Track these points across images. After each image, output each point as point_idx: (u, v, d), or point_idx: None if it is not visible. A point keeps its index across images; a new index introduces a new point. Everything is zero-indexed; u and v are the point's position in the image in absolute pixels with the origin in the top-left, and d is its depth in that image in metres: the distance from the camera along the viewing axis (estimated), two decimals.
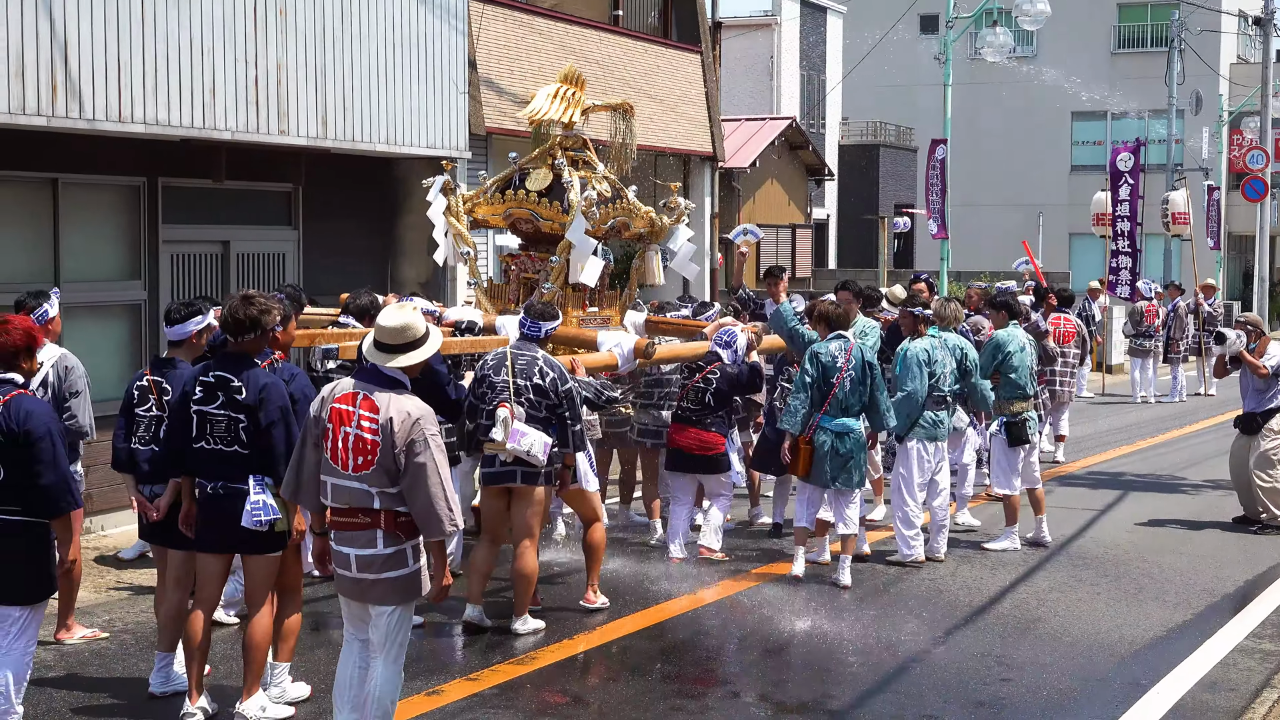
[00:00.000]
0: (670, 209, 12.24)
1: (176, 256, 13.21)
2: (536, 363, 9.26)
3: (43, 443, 6.78)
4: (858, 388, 10.67)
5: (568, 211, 11.14)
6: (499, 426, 9.03)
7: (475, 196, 11.81)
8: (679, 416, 11.45)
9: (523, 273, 11.62)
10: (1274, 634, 9.60)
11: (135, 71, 11.46)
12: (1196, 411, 22.94)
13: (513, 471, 9.18)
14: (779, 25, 36.90)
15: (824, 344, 10.81)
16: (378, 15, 13.95)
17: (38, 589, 6.96)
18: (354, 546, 6.65)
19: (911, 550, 11.29)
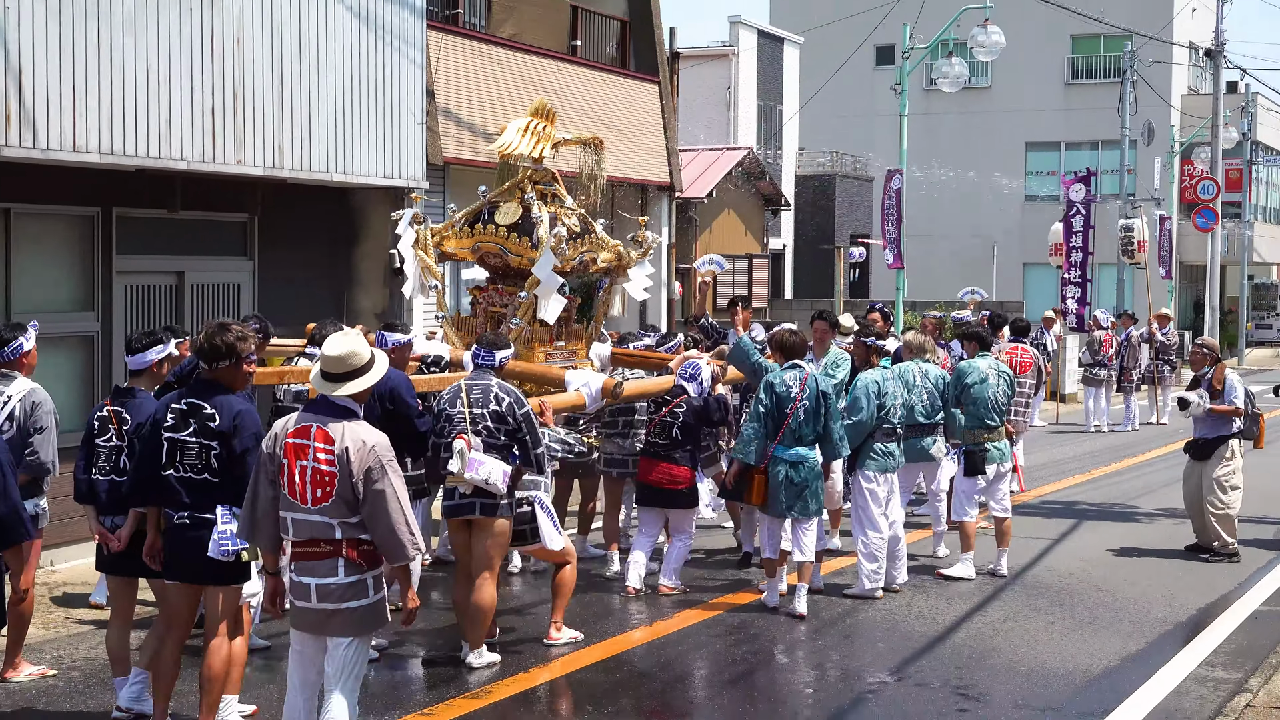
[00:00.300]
0: (638, 243, 12.29)
1: (131, 287, 13.14)
2: (491, 389, 9.30)
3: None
4: (812, 417, 10.69)
5: (536, 247, 11.12)
6: (456, 457, 9.02)
7: (444, 230, 11.76)
8: (647, 451, 11.45)
9: (490, 306, 11.60)
10: (1227, 662, 9.65)
11: (90, 100, 11.41)
12: (1149, 440, 23.06)
13: (472, 503, 9.19)
14: (736, 56, 37.03)
15: (779, 373, 10.84)
16: (335, 45, 13.94)
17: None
18: (314, 576, 6.63)
19: (873, 584, 11.29)
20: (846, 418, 11.23)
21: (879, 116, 46.26)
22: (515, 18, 19.64)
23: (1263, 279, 54.05)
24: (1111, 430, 24.36)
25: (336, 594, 6.62)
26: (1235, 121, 44.58)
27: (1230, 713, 8.44)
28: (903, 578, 11.57)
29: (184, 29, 12.23)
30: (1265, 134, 50.86)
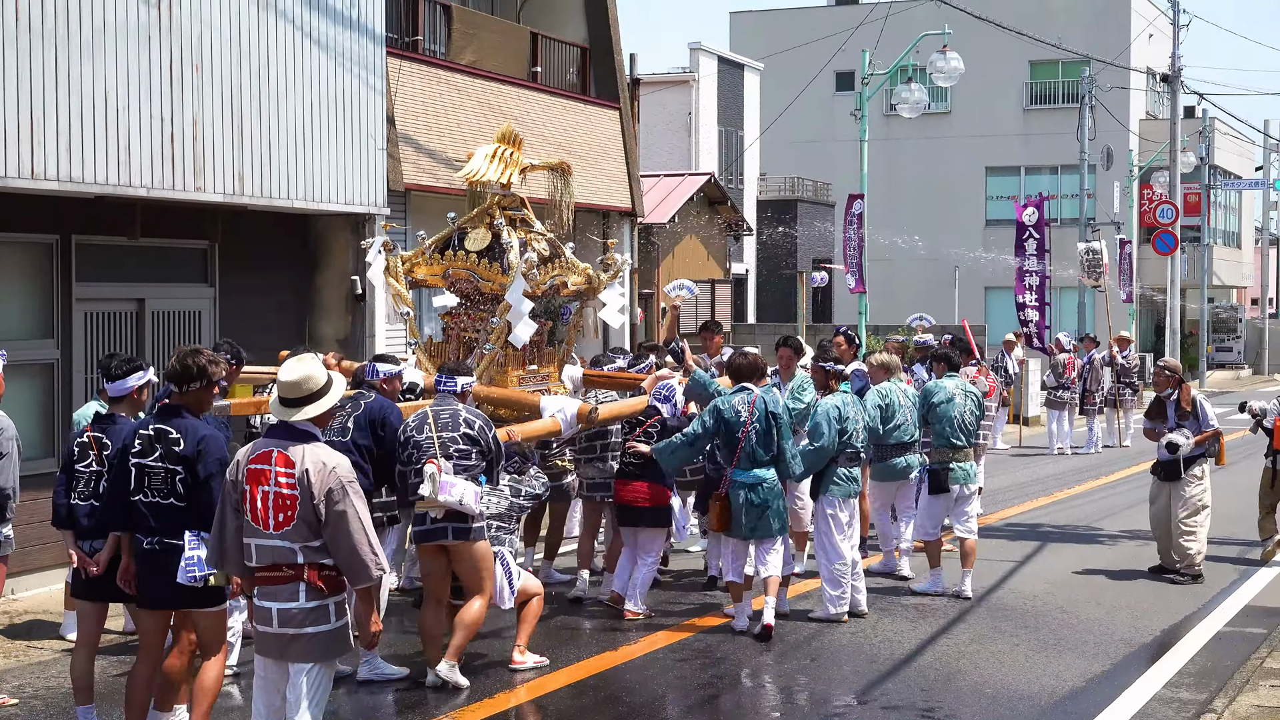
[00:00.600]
0: (608, 265, 12.39)
1: (90, 315, 13.07)
2: (459, 413, 9.40)
3: None
4: (764, 438, 10.73)
5: (507, 272, 11.20)
6: (427, 482, 9.04)
7: (414, 257, 11.82)
8: (622, 472, 11.54)
9: (462, 333, 11.67)
10: (1191, 683, 9.69)
11: (48, 128, 11.36)
12: (1112, 463, 23.18)
13: (444, 528, 9.22)
14: (697, 82, 37.15)
15: (727, 397, 10.88)
16: (295, 71, 13.93)
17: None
18: (276, 600, 6.64)
19: (837, 609, 11.29)
20: (809, 443, 11.26)
21: (839, 142, 46.42)
22: (475, 44, 19.65)
23: (1223, 302, 54.43)
24: (1074, 453, 24.47)
25: (298, 619, 6.61)
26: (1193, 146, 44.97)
27: None
28: (863, 603, 11.54)
29: (143, 56, 12.20)
30: (1223, 158, 51.31)
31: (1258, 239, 58.67)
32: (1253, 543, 14.76)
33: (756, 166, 40.92)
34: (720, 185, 33.47)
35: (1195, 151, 44.98)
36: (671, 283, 16.05)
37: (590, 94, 22.14)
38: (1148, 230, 42.07)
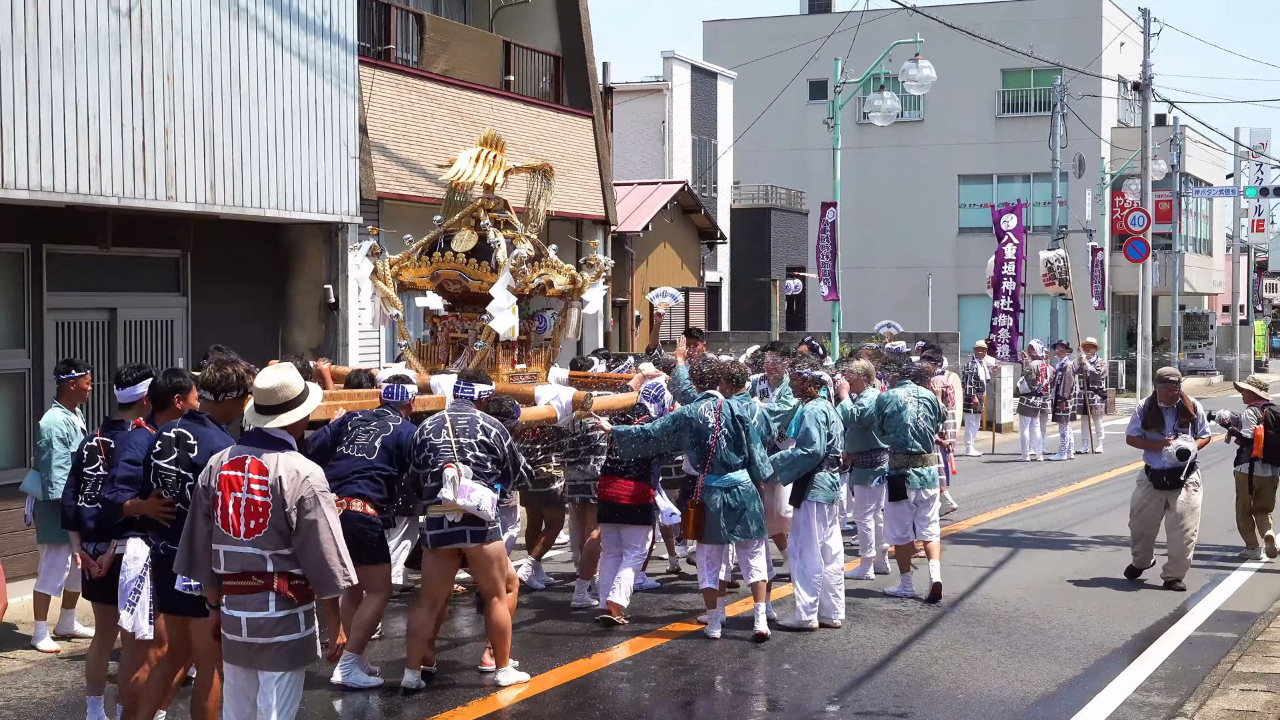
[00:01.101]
0: (590, 265, 12.60)
1: (62, 324, 13.04)
2: (477, 422, 9.51)
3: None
4: (733, 443, 10.83)
5: (496, 270, 11.40)
6: (447, 486, 9.16)
7: (402, 260, 11.98)
8: (608, 469, 11.64)
9: (450, 333, 11.87)
10: (1162, 687, 9.73)
11: (18, 136, 11.35)
12: (1084, 469, 23.27)
13: (462, 531, 9.33)
14: (670, 90, 37.19)
15: (694, 406, 10.97)
16: (267, 80, 13.93)
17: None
18: (245, 610, 6.64)
19: (809, 616, 11.31)
20: (799, 449, 11.30)
21: (812, 150, 46.54)
22: (448, 53, 19.67)
23: (1194, 308, 54.69)
24: (1047, 459, 24.56)
25: (267, 628, 6.62)
26: (1164, 154, 45.18)
27: None
28: (841, 613, 11.52)
29: (114, 65, 12.19)
30: (1194, 166, 51.57)
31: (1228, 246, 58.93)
32: (1222, 547, 14.86)
33: (730, 174, 40.98)
34: (694, 193, 33.54)
35: (1166, 159, 45.19)
36: (654, 290, 16.24)
37: (563, 102, 22.18)
38: (1120, 237, 42.26)
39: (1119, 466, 23.37)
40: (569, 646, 10.70)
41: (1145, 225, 39.60)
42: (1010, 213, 28.23)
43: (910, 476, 12.69)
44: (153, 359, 13.82)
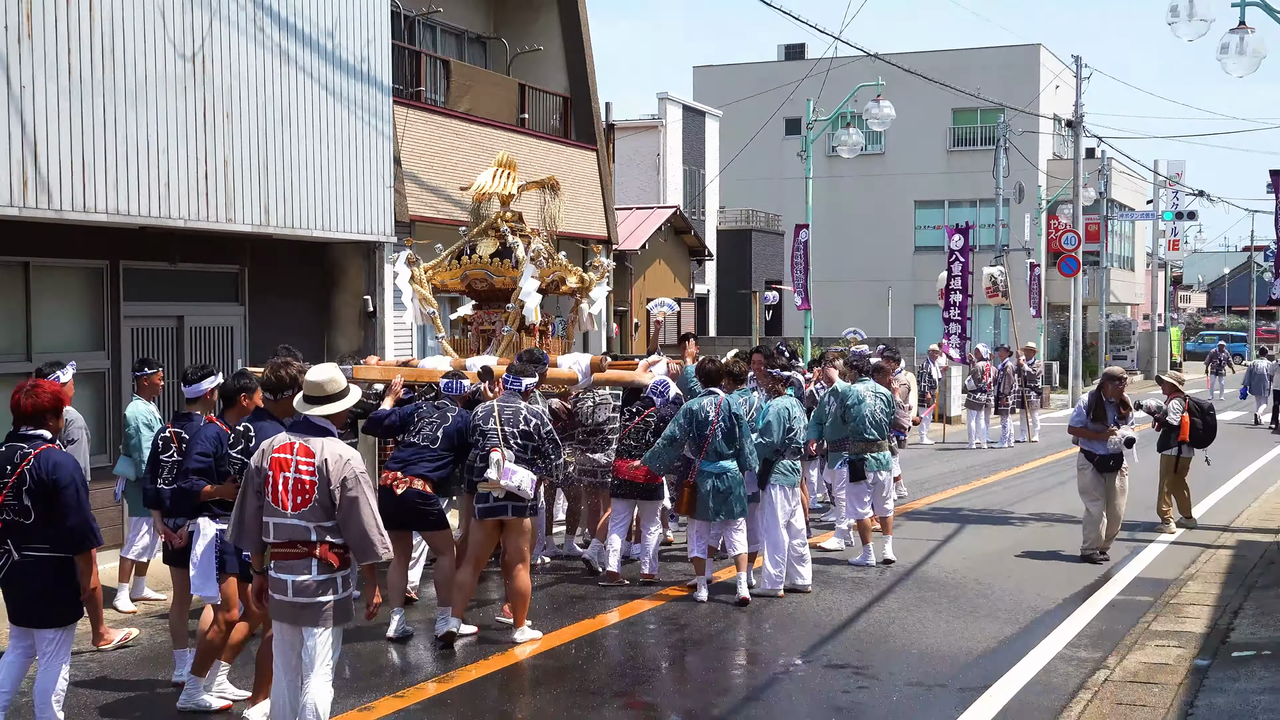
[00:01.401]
0: (595, 267, 12.90)
1: (136, 330, 13.07)
2: (520, 412, 9.62)
3: (67, 490, 6.91)
4: (728, 436, 10.89)
5: (517, 266, 11.79)
6: (493, 467, 9.31)
7: (435, 266, 12.30)
8: (621, 452, 11.88)
9: (480, 326, 12.17)
10: (1088, 644, 9.76)
11: (98, 167, 11.37)
12: (1023, 455, 23.30)
13: (505, 506, 9.48)
14: (664, 127, 37.19)
15: (697, 400, 11.02)
16: (313, 117, 13.95)
17: (66, 613, 7.07)
18: (291, 574, 6.69)
19: (774, 585, 11.34)
20: (760, 438, 11.34)
21: (788, 179, 46.55)
22: (471, 94, 19.68)
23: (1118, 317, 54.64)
24: (990, 447, 24.59)
25: (310, 589, 6.67)
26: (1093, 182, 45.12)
27: (1091, 686, 8.54)
28: (807, 578, 11.54)
29: (180, 103, 12.20)
30: (1119, 193, 51.55)
31: (1148, 263, 58.91)
32: (1140, 524, 14.87)
33: (716, 200, 40.98)
34: (685, 216, 33.52)
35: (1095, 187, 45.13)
36: (653, 301, 16.54)
37: (571, 137, 22.18)
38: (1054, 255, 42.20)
39: (1053, 453, 23.40)
40: (576, 608, 10.72)
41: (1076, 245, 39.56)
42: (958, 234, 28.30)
43: (868, 460, 12.87)
44: (215, 360, 13.85)
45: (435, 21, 20.45)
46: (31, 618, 7.01)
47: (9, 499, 6.93)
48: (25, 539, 6.94)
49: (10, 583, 7.03)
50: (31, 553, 6.93)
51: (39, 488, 6.88)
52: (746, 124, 39.28)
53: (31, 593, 6.96)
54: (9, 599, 7.11)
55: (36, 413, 7.06)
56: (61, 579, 6.98)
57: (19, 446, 7.00)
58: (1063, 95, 47.03)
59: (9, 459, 6.98)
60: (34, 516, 6.91)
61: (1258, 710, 7.72)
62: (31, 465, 6.90)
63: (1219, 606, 10.87)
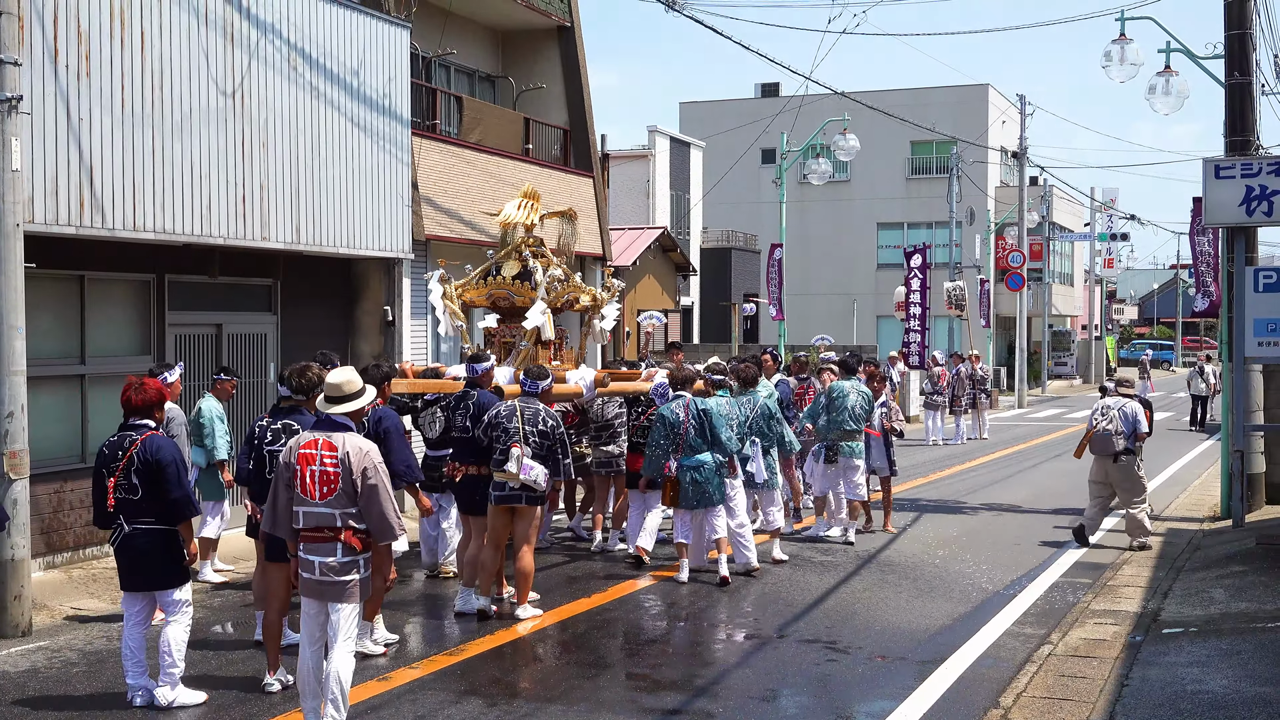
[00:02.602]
0: (607, 288, 13.18)
1: (180, 336, 13.02)
2: (539, 413, 9.65)
3: (169, 469, 7.38)
4: (699, 431, 10.99)
5: (536, 288, 12.07)
6: (513, 461, 9.36)
7: (464, 284, 12.47)
8: (633, 447, 12.26)
9: (501, 339, 12.34)
10: (1034, 621, 9.75)
11: (147, 190, 11.33)
12: (973, 451, 23.30)
13: (519, 495, 9.53)
14: (654, 156, 37.19)
15: (667, 405, 11.15)
16: (340, 146, 13.92)
17: (177, 576, 7.48)
18: (319, 555, 6.72)
19: (749, 558, 11.37)
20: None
21: (764, 203, 46.60)
22: (480, 127, 19.65)
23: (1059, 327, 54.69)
24: (945, 444, 24.59)
25: (335, 569, 6.68)
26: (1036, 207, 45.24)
27: (1037, 660, 8.53)
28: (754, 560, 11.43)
29: (221, 134, 12.17)
30: (1060, 216, 51.62)
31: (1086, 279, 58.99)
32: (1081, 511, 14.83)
33: (700, 221, 40.98)
34: (672, 236, 33.51)
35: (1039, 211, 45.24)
36: (644, 313, 16.71)
37: (570, 165, 22.16)
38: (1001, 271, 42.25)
39: (1002, 449, 23.45)
40: (574, 588, 10.69)
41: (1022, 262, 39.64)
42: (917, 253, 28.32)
43: (842, 447, 13.04)
44: (249, 364, 13.82)
45: (450, 62, 20.42)
46: (148, 582, 7.43)
47: (121, 479, 7.38)
48: (135, 513, 7.37)
49: (123, 552, 7.43)
50: (140, 525, 7.37)
51: (145, 468, 7.34)
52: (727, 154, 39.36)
53: (142, 560, 7.39)
54: (122, 568, 7.48)
55: (143, 406, 7.56)
56: (167, 547, 7.42)
57: (128, 434, 7.48)
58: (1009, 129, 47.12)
59: (120, 445, 7.44)
60: (141, 493, 7.35)
61: (1185, 681, 7.71)
62: (139, 449, 7.36)
63: (1150, 588, 10.88)
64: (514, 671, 8.39)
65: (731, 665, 8.47)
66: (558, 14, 21.43)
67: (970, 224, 42.52)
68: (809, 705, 7.59)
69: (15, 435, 9.14)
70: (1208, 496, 16.69)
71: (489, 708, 7.38)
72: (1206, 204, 13.56)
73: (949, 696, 7.67)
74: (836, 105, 32.77)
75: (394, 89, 14.81)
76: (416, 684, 7.86)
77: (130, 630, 7.49)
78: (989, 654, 8.72)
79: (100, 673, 8.11)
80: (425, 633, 9.27)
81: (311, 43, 13.38)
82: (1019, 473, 19.78)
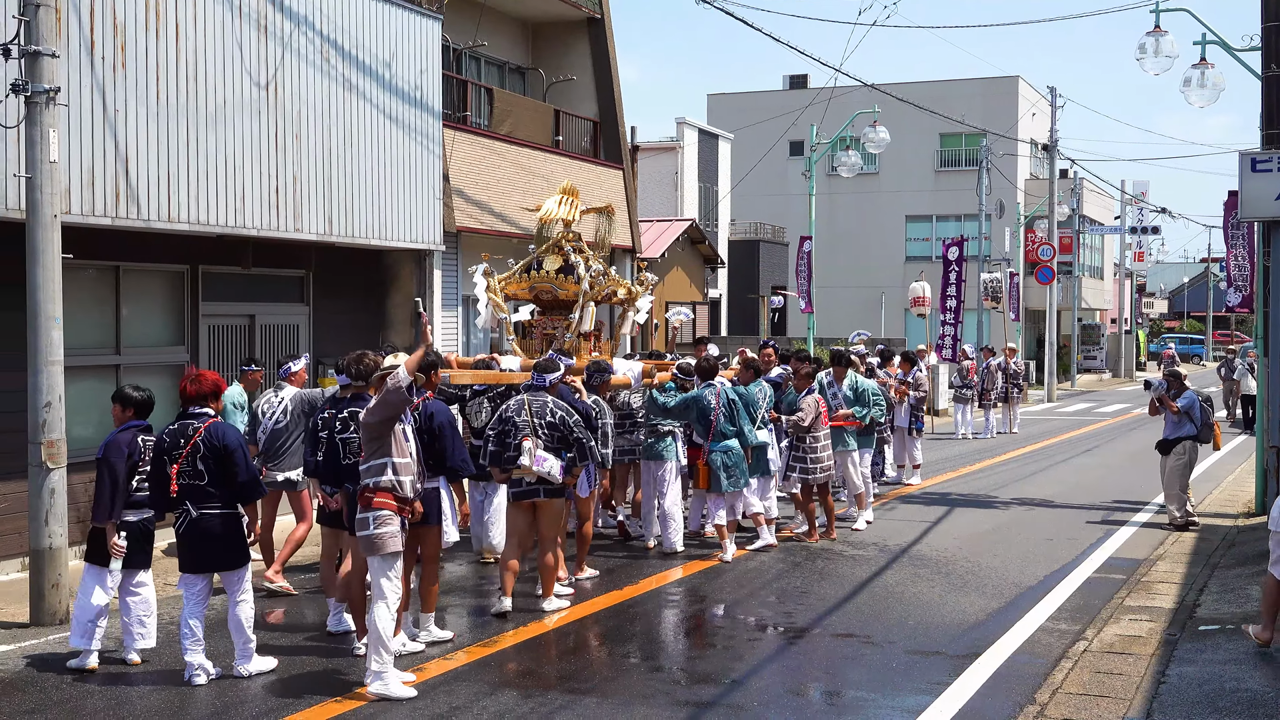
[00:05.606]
0: (641, 282, 13.32)
1: (213, 327, 13.08)
2: (547, 405, 9.53)
3: (237, 453, 7.68)
4: (729, 418, 11.41)
5: (579, 282, 12.35)
6: (525, 455, 9.28)
7: (508, 278, 12.72)
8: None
9: (543, 331, 12.60)
10: (1068, 617, 9.68)
11: (181, 181, 11.38)
12: (1004, 445, 23.16)
13: (536, 489, 9.45)
14: (682, 148, 37.12)
15: (700, 391, 11.52)
16: (372, 138, 13.94)
17: (242, 557, 7.82)
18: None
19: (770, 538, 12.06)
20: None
21: (792, 195, 46.47)
22: (511, 119, 19.66)
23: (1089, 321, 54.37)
24: (975, 437, 24.46)
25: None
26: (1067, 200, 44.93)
27: (1072, 655, 8.47)
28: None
29: (254, 126, 12.21)
30: (1090, 209, 51.31)
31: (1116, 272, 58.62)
32: (1113, 507, 14.76)
33: (728, 214, 40.90)
34: (700, 228, 33.46)
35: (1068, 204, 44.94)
36: (672, 309, 17.09)
37: (600, 157, 22.15)
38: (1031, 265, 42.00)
39: (1032, 443, 23.32)
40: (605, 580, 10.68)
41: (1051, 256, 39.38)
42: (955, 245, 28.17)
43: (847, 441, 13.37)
44: (282, 354, 13.86)
45: (480, 54, 20.43)
46: (215, 564, 7.70)
47: (185, 466, 7.61)
48: (202, 498, 7.63)
49: (189, 536, 7.66)
50: (207, 510, 7.63)
51: (212, 453, 7.61)
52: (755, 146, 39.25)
53: (209, 543, 7.64)
54: (186, 550, 7.70)
55: (199, 397, 7.83)
56: (232, 529, 7.73)
57: (189, 423, 7.74)
58: (1039, 122, 46.84)
59: (183, 433, 7.69)
60: (208, 478, 7.61)
61: (1224, 679, 7.65)
62: (204, 436, 7.64)
63: (1186, 584, 10.79)
64: (548, 663, 8.38)
65: (765, 658, 8.44)
66: (588, 6, 21.41)
67: (999, 217, 42.28)
68: (844, 699, 7.56)
69: (53, 425, 9.19)
70: (1242, 492, 16.54)
71: (524, 699, 7.38)
72: (1242, 197, 13.43)
73: (984, 692, 7.62)
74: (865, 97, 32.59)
75: (425, 81, 14.82)
76: (450, 675, 7.87)
77: (191, 609, 7.67)
78: (1024, 649, 8.65)
79: None
80: (454, 625, 9.26)
81: (344, 34, 13.40)
82: (1049, 467, 19.65)
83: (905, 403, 17.15)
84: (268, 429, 10.39)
